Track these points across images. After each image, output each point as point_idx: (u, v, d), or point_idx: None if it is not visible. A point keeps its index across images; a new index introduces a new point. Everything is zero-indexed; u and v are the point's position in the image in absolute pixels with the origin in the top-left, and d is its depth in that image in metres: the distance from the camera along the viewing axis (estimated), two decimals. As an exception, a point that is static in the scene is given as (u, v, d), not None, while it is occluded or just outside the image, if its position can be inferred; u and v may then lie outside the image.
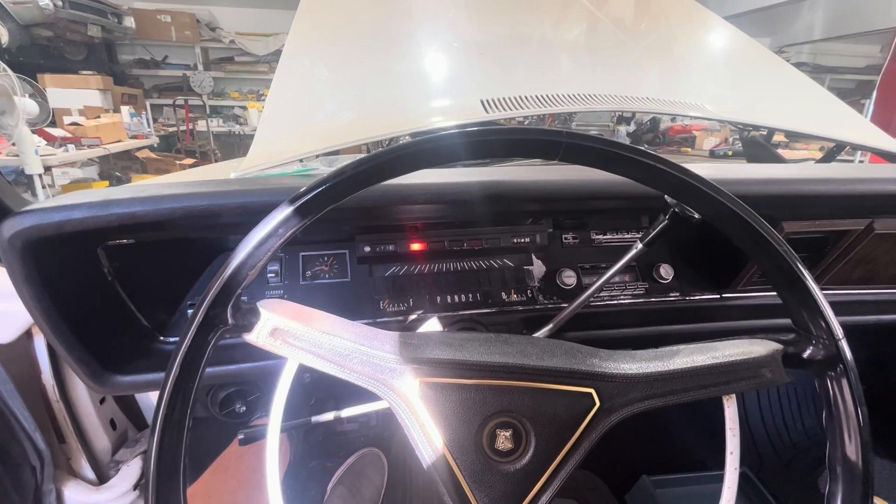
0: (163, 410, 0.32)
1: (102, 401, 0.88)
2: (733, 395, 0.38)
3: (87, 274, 0.58)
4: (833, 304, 0.36)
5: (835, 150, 1.17)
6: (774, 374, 0.37)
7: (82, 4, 4.20)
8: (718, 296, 0.78)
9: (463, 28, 1.02)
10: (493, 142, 0.35)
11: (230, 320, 0.35)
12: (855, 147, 1.13)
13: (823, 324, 0.35)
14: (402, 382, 0.37)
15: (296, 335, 0.37)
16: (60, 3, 3.96)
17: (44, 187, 2.81)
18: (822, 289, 0.36)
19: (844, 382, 0.35)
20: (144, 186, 0.56)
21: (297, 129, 0.81)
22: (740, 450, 0.38)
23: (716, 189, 0.35)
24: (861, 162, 2.67)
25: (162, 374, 0.62)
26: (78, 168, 3.57)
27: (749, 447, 1.30)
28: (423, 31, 1.02)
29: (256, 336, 0.37)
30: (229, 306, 0.35)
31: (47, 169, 2.91)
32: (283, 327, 0.37)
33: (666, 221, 0.53)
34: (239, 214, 0.53)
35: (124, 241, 0.60)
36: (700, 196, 0.36)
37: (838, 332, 0.35)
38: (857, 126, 1.07)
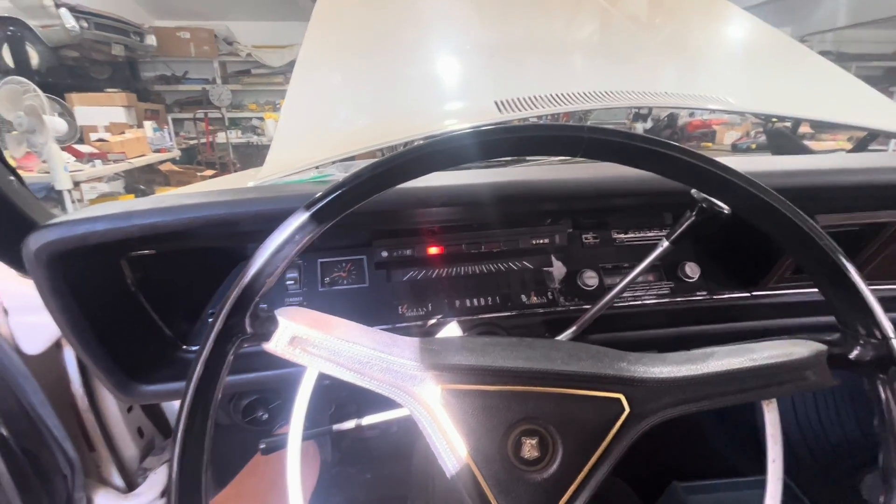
0: (183, 421, 0.32)
1: (130, 409, 0.89)
2: (774, 400, 0.36)
3: (111, 285, 0.59)
4: None
5: (867, 139, 1.11)
6: (819, 376, 0.34)
7: (106, 25, 4.35)
8: (749, 294, 0.74)
9: (474, 30, 1.02)
10: (512, 140, 0.34)
11: (248, 329, 0.35)
12: (889, 135, 1.08)
13: (872, 322, 0.33)
14: (424, 389, 0.36)
15: (315, 343, 0.36)
16: (86, 25, 4.10)
17: (73, 202, 2.91)
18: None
19: None
20: (164, 197, 0.57)
21: (312, 136, 0.81)
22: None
23: (749, 181, 0.33)
24: (895, 151, 2.55)
25: (185, 383, 0.63)
26: (105, 182, 3.69)
27: (785, 451, 1.24)
28: (435, 35, 1.02)
29: (275, 345, 0.36)
30: (247, 315, 0.34)
31: (76, 184, 3.01)
32: (302, 335, 0.36)
33: (693, 217, 0.50)
34: (256, 222, 0.53)
35: (146, 251, 0.61)
36: (732, 189, 0.34)
37: (889, 330, 0.33)
38: (890, 112, 1.02)
